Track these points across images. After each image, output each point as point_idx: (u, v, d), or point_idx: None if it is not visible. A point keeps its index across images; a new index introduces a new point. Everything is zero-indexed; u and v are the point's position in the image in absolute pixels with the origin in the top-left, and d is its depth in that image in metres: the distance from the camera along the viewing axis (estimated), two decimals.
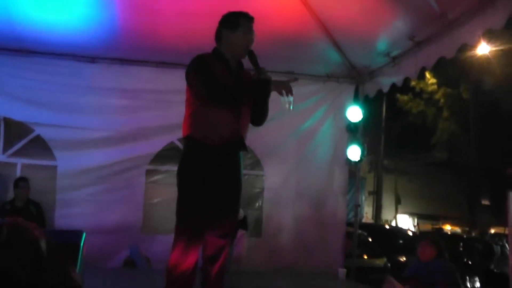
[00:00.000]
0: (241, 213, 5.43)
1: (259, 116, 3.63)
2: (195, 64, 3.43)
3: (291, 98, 3.44)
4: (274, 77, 6.35)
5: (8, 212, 6.03)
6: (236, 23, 3.48)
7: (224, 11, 3.60)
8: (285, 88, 3.44)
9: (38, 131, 6.54)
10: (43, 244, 2.98)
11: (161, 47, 6.22)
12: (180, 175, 3.46)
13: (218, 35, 3.54)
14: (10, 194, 6.46)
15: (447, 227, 24.39)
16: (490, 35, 5.10)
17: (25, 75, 6.42)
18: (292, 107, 3.43)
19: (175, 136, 6.34)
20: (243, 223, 6.19)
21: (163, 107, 6.49)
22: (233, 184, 3.50)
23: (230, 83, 3.41)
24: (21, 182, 6.31)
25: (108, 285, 4.99)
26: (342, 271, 6.65)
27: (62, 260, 3.10)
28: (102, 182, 6.58)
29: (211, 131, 3.39)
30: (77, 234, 3.65)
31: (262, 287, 5.83)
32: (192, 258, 3.40)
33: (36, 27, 5.89)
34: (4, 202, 6.33)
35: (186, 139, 3.52)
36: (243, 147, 3.53)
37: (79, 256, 3.49)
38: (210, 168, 3.37)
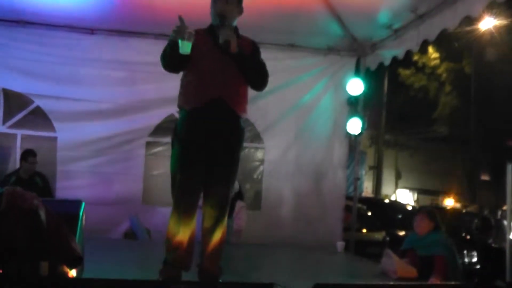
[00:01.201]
0: (236, 185, 5.44)
1: (250, 81, 3.62)
2: None
3: (191, 40, 3.33)
4: (274, 51, 6.32)
5: (13, 184, 6.04)
6: None
7: None
8: (181, 31, 3.32)
9: (37, 102, 6.54)
10: (42, 213, 3.02)
11: (160, 19, 6.13)
12: (171, 142, 3.64)
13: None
14: (12, 165, 6.48)
15: (447, 202, 24.48)
16: (494, 9, 5.06)
17: (24, 46, 6.39)
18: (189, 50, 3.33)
19: (175, 109, 6.30)
20: (239, 194, 6.22)
21: (162, 79, 6.34)
22: (219, 146, 3.51)
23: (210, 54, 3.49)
24: (31, 157, 6.25)
25: (109, 257, 5.02)
26: (340, 244, 6.70)
27: (62, 229, 3.14)
28: (102, 154, 6.61)
29: (189, 97, 3.54)
30: (76, 203, 3.67)
31: (261, 259, 5.88)
32: (186, 228, 3.45)
33: None
34: (9, 173, 6.32)
35: (178, 111, 3.68)
36: (227, 108, 3.50)
37: (79, 226, 3.51)
38: (191, 132, 3.48)
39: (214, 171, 3.51)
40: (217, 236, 3.55)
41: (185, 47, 3.29)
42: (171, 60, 3.45)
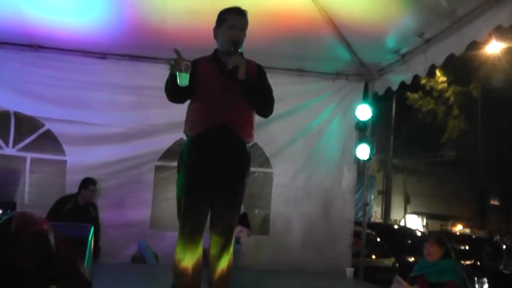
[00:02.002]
0: (241, 209, 5.41)
1: (255, 107, 3.61)
2: None
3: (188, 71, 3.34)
4: (282, 76, 6.35)
5: (69, 210, 6.11)
6: (222, 18, 3.58)
7: None
8: (178, 64, 3.34)
9: (48, 125, 6.58)
10: (51, 238, 3.03)
11: (171, 44, 6.13)
12: (177, 169, 3.65)
13: (214, 34, 3.65)
14: (21, 188, 6.50)
15: (457, 227, 24.28)
16: (500, 33, 5.08)
17: (36, 70, 6.47)
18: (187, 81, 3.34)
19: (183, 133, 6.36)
20: (243, 220, 6.16)
21: (171, 104, 6.46)
22: (224, 172, 3.50)
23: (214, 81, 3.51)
24: (91, 185, 6.33)
25: (117, 281, 5.02)
26: (350, 270, 6.64)
27: (71, 253, 3.15)
28: (112, 178, 6.61)
29: (194, 123, 3.56)
30: (85, 227, 3.68)
31: (269, 285, 5.84)
32: (192, 254, 3.45)
33: (47, 23, 5.93)
34: (65, 196, 6.32)
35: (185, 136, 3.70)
36: (232, 133, 3.51)
37: (88, 250, 3.51)
38: (196, 157, 3.49)
39: (219, 197, 3.51)
40: (224, 262, 3.54)
41: (183, 79, 3.31)
42: (172, 92, 3.46)
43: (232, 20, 3.53)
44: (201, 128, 3.50)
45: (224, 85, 3.49)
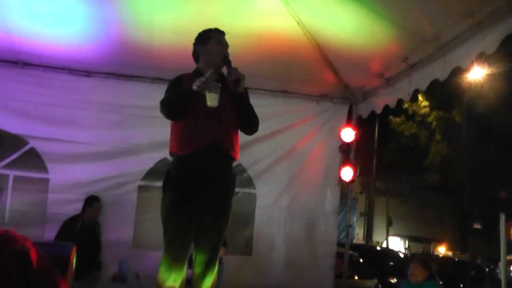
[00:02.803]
0: None
1: (245, 122, 3.65)
2: (168, 85, 3.63)
3: (218, 91, 3.35)
4: (267, 97, 6.40)
5: (78, 230, 6.11)
6: (206, 36, 3.66)
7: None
8: (207, 84, 3.35)
9: (32, 143, 6.52)
10: (32, 256, 3.00)
11: (157, 63, 6.26)
12: (162, 188, 3.58)
13: (195, 55, 3.72)
14: (2, 205, 6.40)
15: (440, 249, 24.37)
16: (483, 60, 5.17)
17: (21, 87, 6.43)
18: (217, 102, 3.35)
19: (168, 152, 6.33)
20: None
21: (156, 123, 6.40)
22: (213, 192, 3.50)
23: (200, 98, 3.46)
24: (96, 202, 6.36)
25: None
26: None
27: (52, 272, 3.12)
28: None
29: (185, 142, 3.51)
30: (67, 247, 3.65)
31: None
32: (177, 274, 3.43)
33: (33, 40, 5.90)
34: (73, 217, 6.29)
35: (170, 156, 3.66)
36: (222, 152, 3.52)
37: (69, 269, 3.47)
38: (186, 178, 3.46)
39: (206, 217, 3.50)
40: (208, 282, 3.51)
41: (213, 99, 3.31)
42: (179, 108, 3.45)
43: (217, 37, 3.64)
44: (191, 148, 3.47)
45: None
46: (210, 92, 3.31)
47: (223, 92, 3.39)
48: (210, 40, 3.62)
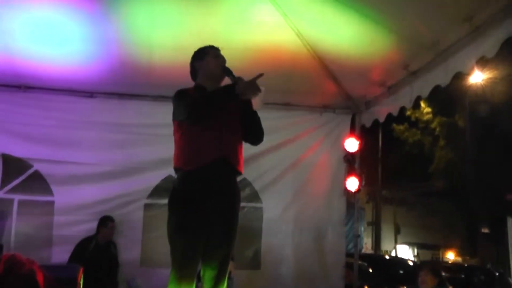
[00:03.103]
0: None
1: (253, 133, 3.68)
2: (175, 97, 3.57)
3: (261, 95, 3.40)
4: (270, 110, 6.39)
5: (92, 251, 6.14)
6: (203, 52, 3.72)
7: (218, 45, 3.78)
8: (252, 88, 3.39)
9: (36, 166, 6.52)
10: (39, 279, 2.98)
11: (158, 81, 6.27)
12: (168, 205, 3.54)
13: (193, 71, 3.76)
14: (7, 230, 6.39)
15: (449, 256, 24.23)
16: (483, 64, 5.17)
17: (24, 111, 6.46)
18: (262, 104, 3.42)
19: (172, 169, 6.33)
20: None
21: (160, 140, 6.47)
22: (221, 207, 3.48)
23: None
24: (109, 222, 6.36)
25: None
26: None
27: None
28: (100, 217, 6.54)
29: (191, 157, 3.47)
30: (74, 268, 3.63)
31: None
32: None
33: (35, 63, 5.93)
34: (87, 238, 6.30)
35: (175, 171, 3.61)
36: (230, 166, 3.52)
37: None
38: (194, 193, 3.42)
39: (214, 232, 3.47)
40: None
41: (259, 103, 3.35)
42: (213, 110, 3.44)
43: (213, 52, 3.70)
44: (199, 163, 3.44)
45: (218, 115, 3.49)
46: (255, 97, 3.32)
47: (230, 103, 3.43)
48: (207, 56, 3.67)
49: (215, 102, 3.44)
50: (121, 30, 5.61)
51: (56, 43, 5.74)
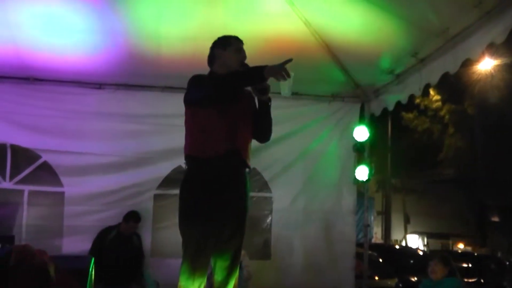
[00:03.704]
0: None
1: (263, 129, 3.70)
2: (193, 79, 3.54)
3: (290, 81, 3.35)
4: (278, 100, 6.38)
5: (112, 240, 6.20)
6: (227, 42, 3.66)
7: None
8: (281, 72, 3.35)
9: (45, 157, 6.55)
10: (51, 270, 3.00)
11: (166, 71, 6.27)
12: (180, 195, 3.52)
13: (211, 57, 3.70)
14: (18, 221, 6.45)
15: (459, 245, 24.17)
16: (493, 50, 5.12)
17: (32, 102, 6.47)
18: (291, 91, 3.39)
19: (182, 160, 6.34)
20: None
21: (169, 131, 6.49)
22: (233, 199, 3.49)
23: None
24: (131, 222, 6.36)
25: None
26: None
27: (71, 285, 3.12)
28: (110, 208, 6.56)
29: (205, 145, 3.46)
30: (86, 259, 3.65)
31: None
32: (200, 280, 3.38)
33: (43, 55, 5.95)
34: (110, 226, 6.35)
35: (185, 160, 3.58)
36: (241, 160, 3.53)
37: (88, 282, 3.47)
38: (206, 182, 3.41)
39: (225, 223, 3.46)
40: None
41: (286, 89, 3.35)
42: (235, 91, 3.48)
43: (237, 45, 3.66)
44: (213, 151, 3.43)
45: (231, 109, 3.50)
46: (284, 82, 3.28)
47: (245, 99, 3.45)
48: (230, 47, 3.63)
49: (242, 82, 3.46)
50: (129, 21, 5.60)
51: (64, 35, 5.75)
